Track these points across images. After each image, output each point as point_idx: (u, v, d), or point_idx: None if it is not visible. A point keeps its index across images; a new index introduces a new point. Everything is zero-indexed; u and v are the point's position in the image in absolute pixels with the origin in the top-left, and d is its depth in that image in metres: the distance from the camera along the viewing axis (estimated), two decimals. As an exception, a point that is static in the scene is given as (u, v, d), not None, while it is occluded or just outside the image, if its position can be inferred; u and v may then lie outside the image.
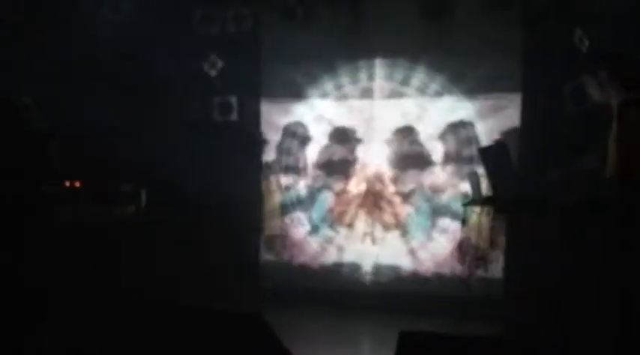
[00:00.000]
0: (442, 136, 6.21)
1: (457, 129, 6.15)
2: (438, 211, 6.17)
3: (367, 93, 6.47)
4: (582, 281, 4.07)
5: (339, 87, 6.55)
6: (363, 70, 6.48)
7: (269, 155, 6.76)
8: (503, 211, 4.68)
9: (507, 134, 5.90)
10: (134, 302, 3.31)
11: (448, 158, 6.19)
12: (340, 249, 6.56)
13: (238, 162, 6.58)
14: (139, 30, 6.23)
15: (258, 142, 6.72)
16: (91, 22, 6.21)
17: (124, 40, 6.16)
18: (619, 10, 5.12)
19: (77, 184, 5.12)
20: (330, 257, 6.59)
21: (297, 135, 6.69)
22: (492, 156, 4.58)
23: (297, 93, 6.65)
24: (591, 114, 5.37)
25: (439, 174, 6.19)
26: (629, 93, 3.84)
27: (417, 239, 6.28)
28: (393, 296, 6.21)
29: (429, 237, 6.21)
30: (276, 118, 6.74)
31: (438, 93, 6.22)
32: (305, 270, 6.62)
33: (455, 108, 6.17)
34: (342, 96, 6.54)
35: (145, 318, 2.94)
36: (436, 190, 6.18)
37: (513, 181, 4.47)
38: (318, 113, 6.62)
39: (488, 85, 6.05)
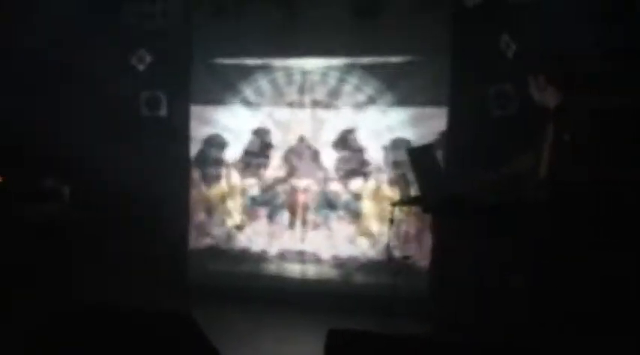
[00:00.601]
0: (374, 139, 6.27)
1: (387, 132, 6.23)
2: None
3: (300, 91, 6.45)
4: (509, 280, 4.19)
5: (271, 84, 6.51)
6: (295, 68, 6.45)
7: (195, 151, 6.68)
8: (430, 211, 4.75)
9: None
10: (57, 301, 3.22)
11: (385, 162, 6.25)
12: (267, 245, 6.56)
13: (165, 158, 6.48)
14: (67, 20, 6.09)
15: (186, 138, 6.62)
16: (19, 10, 5.99)
17: (51, 29, 5.98)
18: (546, 16, 5.25)
19: (-1, 179, 4.97)
20: (256, 253, 6.57)
21: (226, 130, 6.63)
22: (419, 156, 4.65)
23: (227, 89, 6.58)
24: (516, 118, 5.58)
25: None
26: (564, 95, 3.99)
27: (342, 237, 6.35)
28: (321, 294, 6.24)
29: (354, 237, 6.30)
30: (205, 114, 6.65)
31: (371, 98, 6.26)
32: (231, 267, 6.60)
33: (386, 112, 6.22)
34: (275, 95, 6.51)
35: (68, 318, 2.86)
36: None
37: (440, 182, 4.55)
38: (248, 111, 6.57)
39: (416, 93, 6.11)
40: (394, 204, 5.04)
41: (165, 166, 6.48)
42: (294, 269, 6.47)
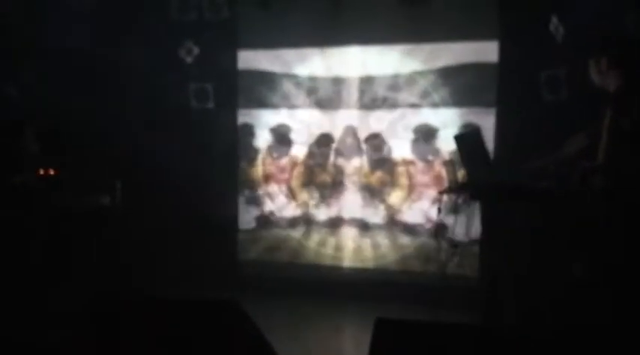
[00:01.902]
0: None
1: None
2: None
3: (340, 82, 6.45)
4: (559, 269, 4.11)
5: (313, 74, 6.52)
6: (338, 57, 6.45)
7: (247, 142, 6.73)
8: (479, 198, 4.68)
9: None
10: (109, 292, 3.28)
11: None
12: (322, 241, 6.57)
13: (215, 150, 6.54)
14: (115, 17, 6.19)
15: (234, 129, 6.68)
16: (66, 9, 6.09)
17: (100, 27, 6.07)
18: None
19: (52, 172, 5.08)
20: (312, 245, 6.59)
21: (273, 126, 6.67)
22: (467, 142, 4.59)
23: (273, 81, 6.61)
24: (568, 103, 5.47)
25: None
26: (625, 79, 3.89)
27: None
28: (371, 284, 6.23)
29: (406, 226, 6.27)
30: (252, 105, 6.70)
31: (412, 78, 6.22)
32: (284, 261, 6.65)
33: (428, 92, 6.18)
34: (316, 86, 6.52)
35: (119, 307, 2.92)
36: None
37: (489, 168, 4.48)
38: (293, 102, 6.58)
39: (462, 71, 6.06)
40: (441, 192, 4.99)
41: (214, 157, 6.53)
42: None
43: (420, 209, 6.22)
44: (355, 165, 6.47)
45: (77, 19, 6.05)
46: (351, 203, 6.49)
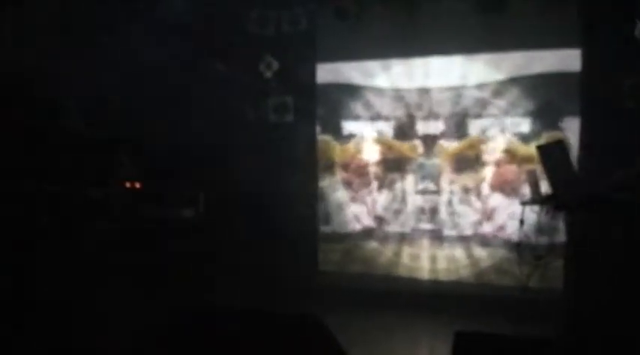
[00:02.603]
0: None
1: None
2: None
3: (423, 92, 6.43)
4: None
5: (395, 85, 6.53)
6: (418, 67, 6.44)
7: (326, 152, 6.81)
8: (564, 210, 4.57)
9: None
10: (192, 303, 3.36)
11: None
12: (397, 252, 6.56)
13: (295, 162, 6.62)
14: (196, 33, 6.35)
15: (314, 142, 6.74)
16: (147, 26, 6.26)
17: (181, 43, 6.26)
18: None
19: (137, 186, 5.24)
20: (388, 257, 6.59)
21: (353, 133, 6.70)
22: (551, 153, 4.48)
23: (352, 93, 6.66)
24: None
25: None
26: None
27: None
28: (451, 296, 6.17)
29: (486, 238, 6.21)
30: (332, 116, 6.77)
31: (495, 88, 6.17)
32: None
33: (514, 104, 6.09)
34: (399, 94, 6.52)
35: (200, 319, 2.98)
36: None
37: (573, 180, 4.37)
38: (374, 111, 6.61)
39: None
40: (524, 203, 4.90)
41: (293, 170, 6.61)
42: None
43: (503, 220, 6.13)
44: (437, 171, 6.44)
45: (162, 32, 6.21)
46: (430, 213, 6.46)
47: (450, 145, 6.35)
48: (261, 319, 2.90)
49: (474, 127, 6.28)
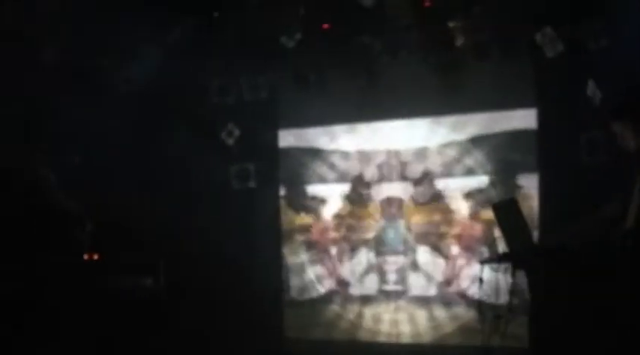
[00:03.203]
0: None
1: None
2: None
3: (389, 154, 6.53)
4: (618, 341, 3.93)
5: (359, 147, 6.62)
6: (382, 130, 6.55)
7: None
8: (521, 268, 4.56)
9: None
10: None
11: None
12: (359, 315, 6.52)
13: (258, 229, 6.60)
14: (156, 102, 6.40)
15: (277, 207, 6.74)
16: (106, 94, 6.28)
17: (139, 110, 6.29)
18: (629, 59, 5.10)
19: (95, 257, 5.16)
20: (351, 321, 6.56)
21: (317, 197, 6.73)
22: (505, 211, 4.51)
23: (316, 156, 6.73)
24: (606, 165, 5.36)
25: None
26: None
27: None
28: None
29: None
30: (296, 180, 6.83)
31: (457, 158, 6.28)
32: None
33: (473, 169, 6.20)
34: (364, 156, 6.60)
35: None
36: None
37: (528, 236, 4.39)
38: (339, 173, 6.67)
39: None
40: (483, 262, 4.90)
41: (257, 236, 6.58)
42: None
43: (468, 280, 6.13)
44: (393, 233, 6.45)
45: (119, 103, 6.24)
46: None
47: (415, 207, 6.37)
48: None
49: (439, 187, 6.33)
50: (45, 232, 4.59)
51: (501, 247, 4.88)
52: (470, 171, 6.24)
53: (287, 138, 6.87)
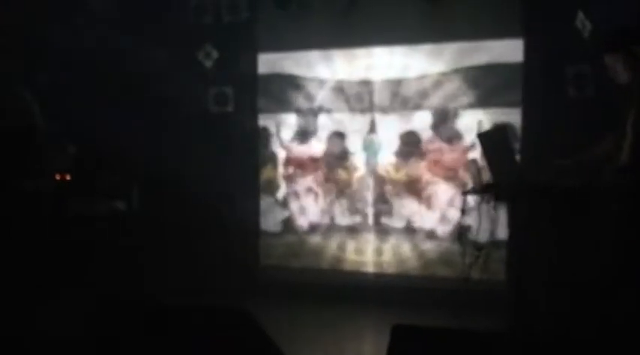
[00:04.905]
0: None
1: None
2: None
3: (365, 82, 6.34)
4: (590, 273, 3.93)
5: (336, 76, 6.42)
6: (360, 57, 6.34)
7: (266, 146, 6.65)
8: (506, 199, 4.51)
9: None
10: (117, 297, 3.19)
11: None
12: (342, 243, 6.47)
13: (235, 154, 6.46)
14: (132, 21, 6.17)
15: (255, 133, 6.59)
16: (82, 14, 6.05)
17: (116, 32, 6.04)
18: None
19: (67, 177, 5.02)
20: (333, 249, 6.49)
21: (294, 126, 6.57)
22: (492, 141, 4.41)
23: (293, 84, 6.53)
24: (595, 100, 5.29)
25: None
26: None
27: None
28: (391, 289, 6.12)
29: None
30: (273, 108, 6.61)
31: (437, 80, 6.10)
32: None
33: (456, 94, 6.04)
34: (340, 86, 6.41)
35: (127, 314, 2.83)
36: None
37: (514, 167, 4.31)
38: (316, 103, 6.48)
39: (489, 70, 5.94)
40: (465, 193, 4.84)
41: (234, 161, 6.45)
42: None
43: (443, 211, 6.08)
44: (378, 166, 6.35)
45: (93, 21, 5.98)
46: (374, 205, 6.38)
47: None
48: (187, 313, 2.75)
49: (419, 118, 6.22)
50: (23, 153, 4.46)
51: (485, 178, 4.78)
52: (450, 102, 6.09)
53: (266, 63, 6.60)
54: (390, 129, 6.28)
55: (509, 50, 5.85)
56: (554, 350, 2.47)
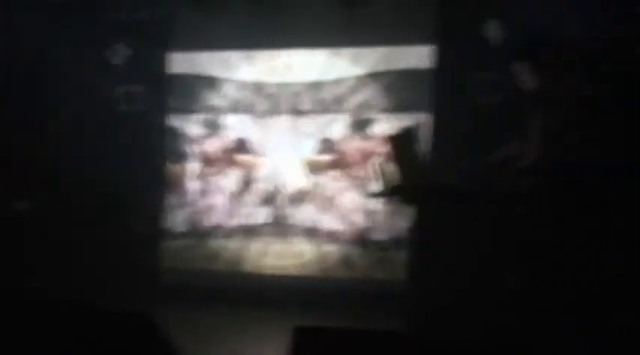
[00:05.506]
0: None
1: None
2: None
3: (284, 82, 6.36)
4: (491, 276, 4.02)
5: (254, 75, 6.40)
6: (279, 58, 6.35)
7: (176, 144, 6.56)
8: (411, 201, 4.57)
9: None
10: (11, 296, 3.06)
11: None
12: (246, 245, 6.44)
13: (143, 153, 6.33)
14: (40, 19, 5.95)
15: (165, 132, 6.48)
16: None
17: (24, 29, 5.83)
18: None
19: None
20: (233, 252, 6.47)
21: (208, 124, 6.50)
22: (400, 143, 4.46)
23: (206, 83, 6.47)
24: (502, 106, 5.44)
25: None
26: (553, 82, 3.83)
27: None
28: (293, 291, 6.14)
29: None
30: (184, 107, 6.53)
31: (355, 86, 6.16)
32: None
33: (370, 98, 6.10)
34: (258, 85, 6.40)
35: (19, 313, 2.71)
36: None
37: (422, 170, 4.37)
38: (231, 101, 6.44)
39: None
40: (372, 196, 4.87)
41: (142, 161, 6.33)
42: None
43: (347, 213, 6.14)
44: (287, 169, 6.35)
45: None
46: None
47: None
48: (85, 315, 2.66)
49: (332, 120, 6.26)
50: None
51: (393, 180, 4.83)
52: (364, 107, 6.14)
53: (178, 63, 6.50)
54: (301, 132, 6.27)
55: (424, 56, 5.95)
56: (453, 351, 2.51)
